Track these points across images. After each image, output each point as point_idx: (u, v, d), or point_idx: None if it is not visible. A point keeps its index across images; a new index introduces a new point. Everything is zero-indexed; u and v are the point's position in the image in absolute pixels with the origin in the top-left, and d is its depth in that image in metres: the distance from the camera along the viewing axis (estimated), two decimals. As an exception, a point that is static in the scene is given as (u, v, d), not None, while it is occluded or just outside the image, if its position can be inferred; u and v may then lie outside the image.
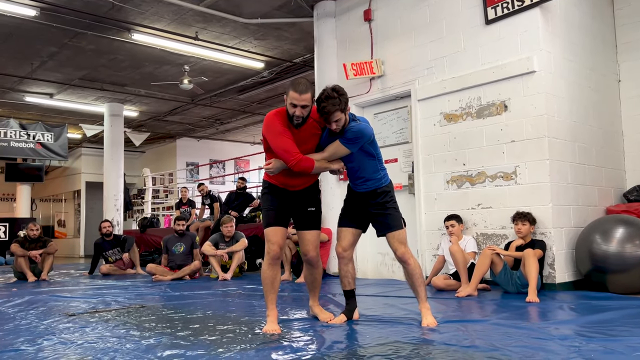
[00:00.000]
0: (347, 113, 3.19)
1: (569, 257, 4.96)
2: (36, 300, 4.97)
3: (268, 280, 3.30)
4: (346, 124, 3.22)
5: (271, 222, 3.31)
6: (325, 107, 3.09)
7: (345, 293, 3.61)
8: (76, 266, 11.01)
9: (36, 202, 18.72)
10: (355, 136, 3.20)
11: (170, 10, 7.32)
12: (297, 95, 3.05)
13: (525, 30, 5.06)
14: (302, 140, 3.20)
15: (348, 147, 3.22)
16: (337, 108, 3.08)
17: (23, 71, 9.71)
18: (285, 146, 3.09)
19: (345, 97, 3.15)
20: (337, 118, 3.12)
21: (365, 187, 3.42)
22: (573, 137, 5.23)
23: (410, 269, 3.37)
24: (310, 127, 3.24)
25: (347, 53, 6.85)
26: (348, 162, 3.39)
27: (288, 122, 3.16)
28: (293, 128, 3.17)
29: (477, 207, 5.34)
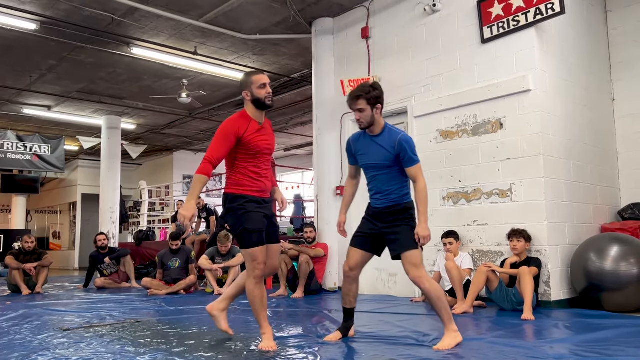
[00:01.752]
0: (376, 111, 3.23)
1: (564, 275, 4.98)
2: (30, 314, 4.94)
3: (257, 299, 3.24)
4: (377, 125, 3.27)
5: (258, 241, 3.21)
6: (353, 91, 3.25)
7: (345, 310, 3.57)
8: (71, 279, 10.94)
9: (31, 213, 18.64)
10: (409, 142, 3.23)
11: (169, 25, 7.38)
12: (261, 75, 3.31)
13: (520, 50, 5.13)
14: (267, 136, 3.32)
15: (416, 160, 3.24)
16: (363, 95, 3.18)
17: (22, 84, 9.74)
18: (216, 147, 3.14)
19: (378, 93, 3.22)
20: (361, 106, 3.20)
21: (386, 201, 3.31)
22: (568, 155, 5.27)
23: (424, 292, 3.23)
24: (269, 124, 3.41)
25: (344, 69, 6.91)
26: (376, 172, 3.32)
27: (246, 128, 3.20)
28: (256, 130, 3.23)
29: (473, 223, 5.37)
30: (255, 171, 3.26)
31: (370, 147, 3.34)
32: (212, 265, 7.02)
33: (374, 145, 3.32)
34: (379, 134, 3.30)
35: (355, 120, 3.29)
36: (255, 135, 3.24)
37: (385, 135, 3.27)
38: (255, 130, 3.24)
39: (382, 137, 3.29)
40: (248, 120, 3.24)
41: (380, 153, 3.28)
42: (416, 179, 3.22)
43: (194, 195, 3.11)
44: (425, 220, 3.21)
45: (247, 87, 3.29)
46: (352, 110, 3.28)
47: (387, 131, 3.29)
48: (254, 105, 3.29)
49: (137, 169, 17.89)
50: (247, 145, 3.20)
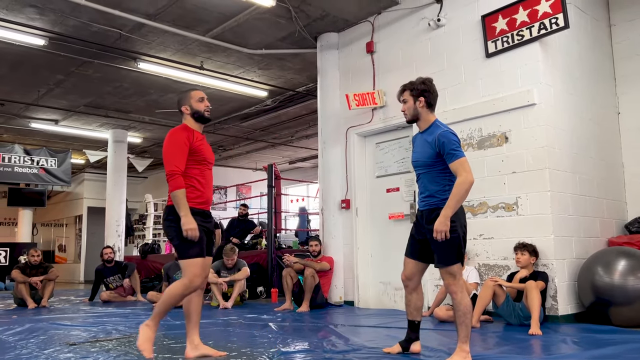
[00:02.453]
0: (419, 104, 3.25)
1: (571, 289, 4.95)
2: (37, 328, 4.95)
3: (173, 303, 3.22)
4: (424, 121, 3.26)
5: (201, 252, 3.23)
6: (404, 84, 3.35)
7: (408, 323, 3.47)
8: (76, 292, 10.95)
9: (37, 226, 18.70)
10: (448, 137, 3.10)
11: (176, 40, 7.46)
12: (199, 90, 3.51)
13: (525, 64, 5.15)
14: (207, 148, 3.42)
15: (460, 150, 3.12)
16: (408, 87, 3.29)
17: (29, 98, 9.84)
18: (174, 157, 3.22)
19: (424, 87, 3.26)
20: (404, 98, 3.30)
21: (426, 203, 3.21)
22: (574, 168, 5.27)
23: (455, 302, 3.13)
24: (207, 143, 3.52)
25: (349, 83, 6.96)
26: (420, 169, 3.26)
27: (192, 137, 3.30)
28: (200, 139, 3.36)
29: (479, 237, 5.35)
30: (200, 181, 3.33)
31: (418, 144, 3.31)
32: (218, 278, 7.01)
33: (421, 141, 3.27)
34: (426, 129, 3.26)
35: (402, 110, 3.34)
36: (200, 143, 3.37)
37: (431, 131, 3.20)
38: (200, 138, 3.39)
39: (428, 132, 3.23)
40: (191, 130, 3.37)
41: (424, 149, 3.22)
42: (457, 173, 3.04)
43: (186, 210, 3.17)
44: (447, 214, 3.00)
45: (186, 101, 3.45)
46: (400, 100, 3.36)
47: (434, 127, 3.22)
48: (193, 119, 3.44)
49: (143, 182, 17.96)
50: (195, 153, 3.30)
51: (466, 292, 3.21)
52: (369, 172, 6.77)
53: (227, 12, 6.65)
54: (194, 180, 3.31)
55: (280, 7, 6.33)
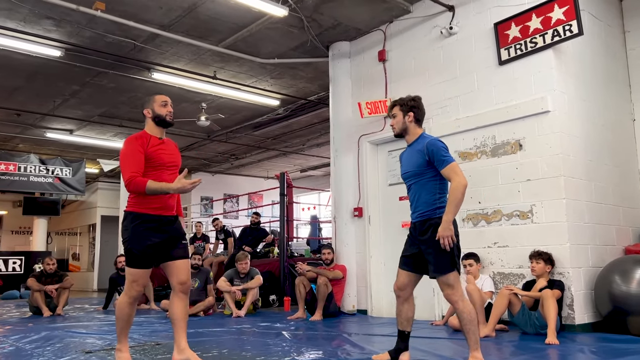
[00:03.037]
0: (407, 118, 3.38)
1: (588, 298, 4.89)
2: (52, 336, 4.99)
3: (125, 317, 3.34)
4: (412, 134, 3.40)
5: (143, 263, 3.27)
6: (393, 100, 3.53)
7: (398, 332, 3.50)
8: (90, 300, 11.02)
9: (52, 235, 18.89)
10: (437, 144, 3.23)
11: (189, 50, 7.54)
12: (163, 95, 3.50)
13: (539, 71, 5.13)
14: (169, 151, 3.43)
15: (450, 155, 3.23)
16: (398, 102, 3.44)
17: (45, 108, 9.98)
18: (129, 164, 3.22)
19: (413, 103, 3.41)
20: (394, 113, 3.43)
21: (418, 214, 3.28)
22: (589, 176, 5.22)
23: (457, 312, 3.16)
24: (171, 142, 3.52)
25: (361, 92, 6.97)
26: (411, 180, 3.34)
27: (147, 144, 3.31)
28: (157, 144, 3.35)
29: (494, 245, 5.32)
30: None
31: (406, 157, 3.43)
32: (231, 287, 7.03)
33: (409, 153, 3.40)
34: (413, 142, 3.39)
35: (390, 125, 3.49)
36: (157, 148, 3.35)
37: (419, 141, 3.34)
38: (156, 144, 3.37)
39: (415, 143, 3.36)
40: (147, 136, 3.38)
41: (413, 159, 3.33)
42: (450, 178, 3.13)
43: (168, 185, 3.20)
44: (448, 219, 3.06)
45: (149, 105, 3.47)
46: (389, 115, 3.51)
47: (421, 138, 3.36)
48: (155, 122, 3.44)
49: (156, 190, 18.06)
50: (150, 159, 3.29)
51: (467, 300, 3.20)
52: (382, 180, 6.76)
53: (240, 22, 6.72)
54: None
55: (293, 16, 6.38)
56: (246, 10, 6.24)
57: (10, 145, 13.13)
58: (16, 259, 13.90)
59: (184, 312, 3.38)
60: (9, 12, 6.32)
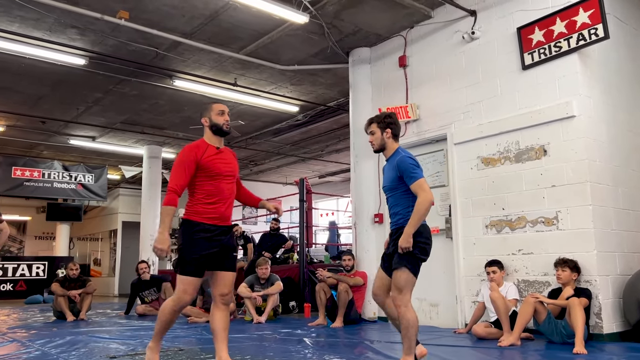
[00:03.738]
0: (385, 135, 3.51)
1: (615, 307, 4.78)
2: (77, 341, 5.04)
3: (167, 322, 3.34)
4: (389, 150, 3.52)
5: (195, 272, 3.25)
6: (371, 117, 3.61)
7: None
8: (111, 305, 11.13)
9: (74, 240, 19.16)
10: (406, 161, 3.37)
11: (211, 58, 7.60)
12: (220, 103, 3.52)
13: (563, 75, 5.06)
14: (227, 160, 3.43)
15: (418, 172, 3.36)
16: (375, 120, 3.55)
17: (69, 116, 10.15)
18: (176, 175, 3.26)
19: (389, 120, 3.52)
20: (372, 130, 3.54)
21: (394, 223, 3.48)
22: (615, 181, 5.13)
23: (399, 316, 3.28)
24: (229, 151, 3.54)
25: (382, 97, 6.95)
26: (388, 193, 3.53)
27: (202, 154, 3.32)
28: (214, 154, 3.36)
29: (518, 252, 5.24)
30: (214, 196, 3.31)
31: (386, 170, 3.59)
32: (251, 293, 7.03)
33: (388, 167, 3.56)
34: (390, 157, 3.54)
35: (369, 141, 3.60)
36: (214, 157, 3.35)
37: (394, 157, 3.49)
38: (213, 153, 3.37)
39: (391, 159, 3.52)
40: (205, 145, 3.39)
41: (390, 174, 3.50)
42: (417, 193, 3.31)
43: (165, 227, 3.21)
44: (409, 232, 3.24)
45: (206, 113, 3.49)
46: (366, 132, 3.60)
47: (396, 154, 3.50)
48: (212, 131, 3.46)
49: (176, 196, 18.20)
50: (206, 168, 3.30)
51: (410, 307, 3.27)
52: (403, 186, 6.71)
53: (261, 30, 6.76)
54: (206, 196, 3.31)
55: (313, 23, 6.40)
56: (267, 18, 6.28)
57: (35, 152, 13.38)
58: (39, 264, 14.12)
59: (225, 323, 3.36)
60: (36, 22, 6.45)
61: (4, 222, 6.07)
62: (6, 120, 10.55)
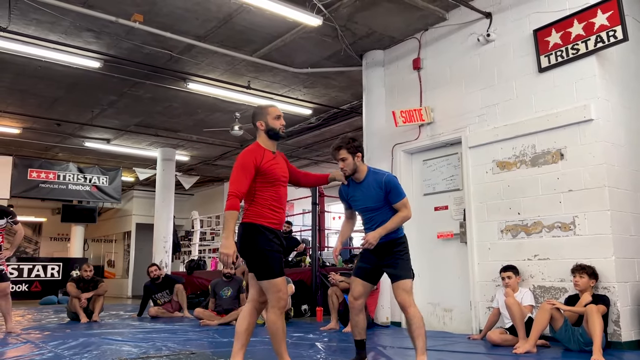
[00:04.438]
0: (357, 159, 3.55)
1: (635, 314, 4.67)
2: (89, 343, 5.05)
3: (281, 330, 3.28)
4: (360, 172, 3.58)
5: (280, 271, 3.25)
6: (334, 143, 3.57)
7: (356, 342, 3.74)
8: (124, 307, 11.19)
9: (88, 242, 19.33)
10: (394, 181, 3.55)
11: (224, 61, 7.62)
12: (276, 107, 3.48)
13: (581, 78, 4.98)
14: (282, 164, 3.43)
15: (401, 191, 3.55)
16: (344, 146, 3.53)
17: (84, 118, 10.24)
18: (237, 180, 3.21)
19: (357, 143, 3.57)
20: (343, 156, 3.53)
21: (385, 238, 3.53)
22: (634, 186, 5.02)
23: (409, 318, 3.43)
24: (281, 154, 3.51)
25: (395, 100, 6.90)
26: (372, 213, 3.57)
27: (261, 159, 3.28)
28: (271, 159, 3.33)
29: (534, 258, 5.15)
30: (275, 201, 3.30)
31: (360, 193, 3.61)
32: (263, 296, 7.00)
33: (363, 190, 3.59)
34: (364, 179, 3.59)
35: (340, 169, 3.59)
36: (272, 163, 3.32)
37: (370, 178, 3.57)
38: (270, 158, 3.33)
39: (368, 181, 3.57)
40: (262, 150, 3.34)
41: (371, 194, 3.55)
42: (399, 209, 3.52)
43: (230, 232, 3.16)
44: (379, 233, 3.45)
45: (262, 117, 3.41)
46: (335, 160, 3.56)
47: (372, 174, 3.58)
48: (267, 136, 3.41)
49: (190, 199, 18.33)
50: (265, 174, 3.26)
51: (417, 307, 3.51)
52: (416, 189, 6.66)
53: (274, 32, 6.75)
54: (269, 202, 3.27)
55: (327, 26, 6.38)
56: (281, 20, 6.27)
57: (50, 154, 13.52)
58: (54, 265, 14.26)
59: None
60: (52, 25, 6.51)
61: (19, 223, 6.12)
62: (22, 123, 10.67)
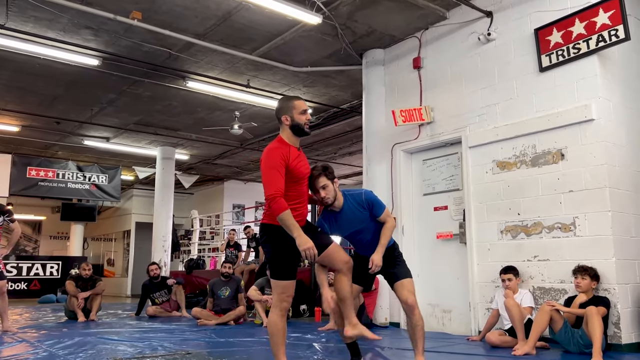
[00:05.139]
0: (336, 186, 3.46)
1: (635, 316, 4.63)
2: (85, 343, 5.02)
3: (280, 332, 3.24)
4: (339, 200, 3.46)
5: (291, 275, 3.25)
6: (313, 172, 3.38)
7: (349, 346, 3.70)
8: (123, 306, 11.15)
9: (88, 240, 19.30)
10: (372, 195, 3.55)
11: (223, 59, 7.57)
12: (302, 100, 3.34)
13: (582, 78, 4.93)
14: (304, 161, 3.33)
15: (381, 202, 3.56)
16: (322, 173, 3.38)
17: (83, 116, 10.20)
18: (274, 180, 3.09)
19: (331, 170, 3.47)
20: (323, 184, 3.36)
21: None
22: (636, 187, 4.97)
23: (415, 319, 3.43)
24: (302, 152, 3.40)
25: (395, 100, 6.86)
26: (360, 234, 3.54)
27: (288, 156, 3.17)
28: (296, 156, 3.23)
29: (534, 259, 5.11)
30: (297, 199, 3.23)
31: (344, 222, 3.52)
32: (262, 296, 6.97)
33: (346, 216, 3.50)
34: (343, 204, 3.49)
35: (322, 197, 3.41)
36: (297, 161, 3.23)
37: (350, 202, 3.49)
38: (296, 156, 3.23)
39: (348, 205, 3.49)
40: (287, 147, 3.22)
41: (356, 217, 3.50)
42: (385, 220, 3.54)
43: (298, 229, 3.08)
44: (381, 250, 3.46)
45: (288, 111, 3.27)
46: (317, 189, 3.38)
47: (349, 197, 3.51)
48: (292, 131, 3.28)
49: (189, 198, 18.29)
50: (291, 173, 3.17)
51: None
52: (416, 189, 6.61)
53: (274, 31, 6.71)
54: (292, 202, 3.18)
55: (326, 24, 6.33)
56: (280, 19, 6.23)
57: (49, 152, 13.49)
58: (54, 264, 14.23)
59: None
60: (50, 22, 6.47)
61: (15, 221, 6.09)
62: (21, 121, 10.64)
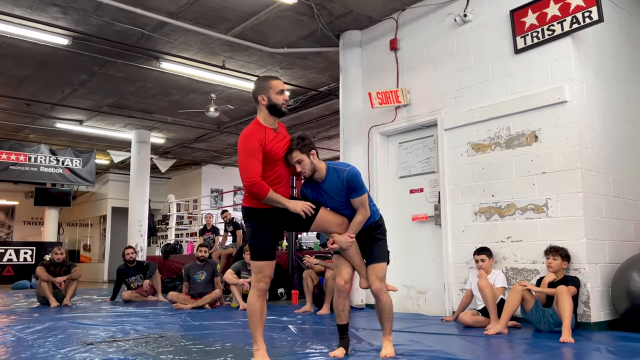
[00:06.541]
0: (312, 157, 3.27)
1: (604, 295, 4.72)
2: (56, 327, 4.93)
3: (258, 312, 3.22)
4: (320, 171, 3.32)
5: (270, 256, 3.24)
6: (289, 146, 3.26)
7: (340, 327, 3.58)
8: (99, 291, 11.03)
9: (63, 226, 18.99)
10: (356, 177, 3.31)
11: (198, 39, 7.42)
12: (279, 80, 3.27)
13: (556, 60, 4.95)
14: (283, 139, 3.25)
15: (363, 191, 3.34)
16: (294, 147, 3.23)
17: (54, 98, 9.95)
18: (252, 165, 3.05)
19: (309, 142, 3.29)
20: (297, 158, 3.23)
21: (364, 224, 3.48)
22: (607, 169, 5.04)
23: (381, 305, 3.45)
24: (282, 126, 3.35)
25: (372, 82, 6.82)
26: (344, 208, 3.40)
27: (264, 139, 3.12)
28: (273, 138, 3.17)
29: (507, 240, 5.16)
30: (274, 179, 3.19)
31: (328, 191, 3.37)
32: (238, 279, 6.94)
33: (327, 189, 3.36)
34: (325, 177, 3.35)
35: (298, 173, 3.32)
36: (274, 143, 3.18)
37: (332, 176, 3.33)
38: (272, 137, 3.18)
39: (330, 179, 3.34)
40: (263, 129, 3.17)
41: (335, 194, 3.35)
42: (357, 208, 3.36)
43: (284, 200, 3.13)
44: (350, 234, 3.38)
45: (265, 91, 3.22)
46: (292, 164, 3.28)
47: (332, 170, 3.34)
48: (269, 111, 3.23)
49: (166, 182, 18.08)
50: (268, 155, 3.13)
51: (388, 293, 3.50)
52: (392, 172, 6.61)
53: (249, 10, 6.58)
54: (269, 182, 3.13)
55: (302, 4, 6.24)
56: (255, -2, 6.11)
57: (21, 135, 13.15)
58: (27, 249, 13.98)
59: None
60: (16, -1, 6.25)
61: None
62: (-10, 103, 10.34)
